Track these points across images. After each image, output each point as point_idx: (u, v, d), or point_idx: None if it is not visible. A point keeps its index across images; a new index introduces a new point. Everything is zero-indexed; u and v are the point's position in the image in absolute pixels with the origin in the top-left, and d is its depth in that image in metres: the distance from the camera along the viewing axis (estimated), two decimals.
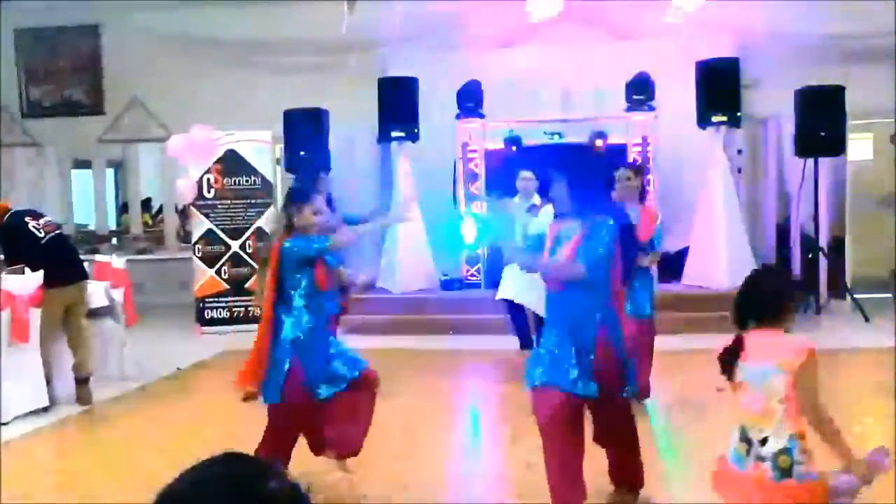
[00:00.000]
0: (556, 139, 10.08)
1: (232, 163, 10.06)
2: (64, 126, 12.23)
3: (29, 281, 6.25)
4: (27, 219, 6.71)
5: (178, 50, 11.58)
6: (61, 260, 6.66)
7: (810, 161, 9.60)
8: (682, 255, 9.93)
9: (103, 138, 12.25)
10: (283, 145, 10.39)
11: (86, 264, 7.25)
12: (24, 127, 12.36)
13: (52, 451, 5.86)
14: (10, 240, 6.63)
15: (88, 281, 7.02)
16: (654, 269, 6.62)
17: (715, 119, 9.44)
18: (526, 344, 7.20)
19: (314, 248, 4.39)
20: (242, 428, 5.82)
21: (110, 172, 13.69)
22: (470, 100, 9.91)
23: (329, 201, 6.81)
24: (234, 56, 11.44)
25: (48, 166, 12.47)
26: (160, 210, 13.40)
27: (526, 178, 6.98)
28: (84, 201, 12.99)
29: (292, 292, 4.40)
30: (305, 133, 10.05)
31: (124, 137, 12.39)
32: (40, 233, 6.63)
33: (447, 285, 9.95)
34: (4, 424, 5.96)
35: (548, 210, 5.68)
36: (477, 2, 10.33)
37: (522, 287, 6.49)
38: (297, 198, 4.54)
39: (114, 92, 12.20)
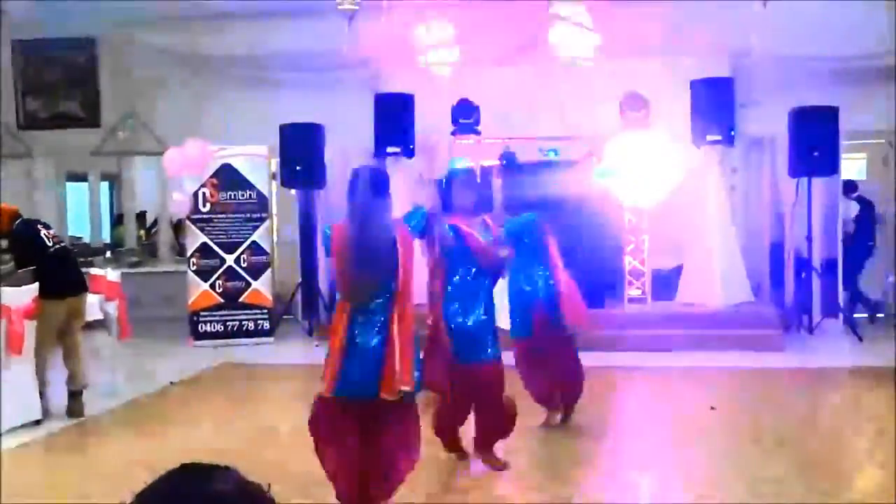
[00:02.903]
0: (552, 156, 10.10)
1: (227, 177, 10.06)
2: (59, 138, 12.22)
3: (24, 293, 6.24)
4: (39, 226, 6.76)
5: (174, 64, 11.60)
6: (65, 271, 6.68)
7: (804, 181, 9.66)
8: (675, 273, 9.95)
9: (98, 151, 12.24)
10: (278, 160, 10.41)
11: None
12: (19, 139, 12.34)
13: (43, 465, 5.82)
14: (23, 245, 6.64)
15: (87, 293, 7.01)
16: None
17: (709, 138, 9.50)
18: None
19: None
20: (234, 443, 5.81)
21: (105, 185, 13.69)
22: (465, 116, 9.95)
23: None
24: (231, 70, 11.46)
25: (43, 178, 12.45)
26: (155, 223, 13.39)
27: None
28: (78, 214, 12.97)
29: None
30: (301, 148, 10.08)
31: (119, 150, 12.39)
32: (49, 241, 6.66)
33: None
34: None
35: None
36: (473, 19, 10.36)
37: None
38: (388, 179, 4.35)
39: (109, 105, 12.20)
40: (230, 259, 10.02)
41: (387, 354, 3.97)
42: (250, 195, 10.13)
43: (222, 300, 9.97)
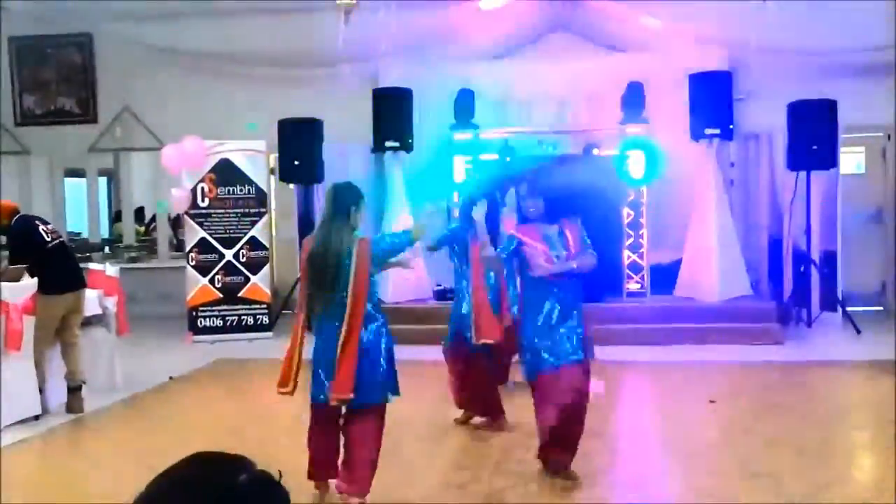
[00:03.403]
0: (550, 150, 10.10)
1: (226, 172, 10.05)
2: (56, 134, 12.20)
3: (23, 289, 6.23)
4: (36, 222, 6.75)
5: (171, 60, 11.57)
6: (64, 267, 6.68)
7: (802, 174, 9.66)
8: (674, 267, 9.95)
9: (95, 147, 12.23)
10: (277, 155, 10.40)
11: None
12: (16, 135, 12.32)
13: (43, 461, 5.82)
14: (21, 241, 6.63)
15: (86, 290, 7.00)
16: None
17: (708, 132, 9.49)
18: None
19: (408, 240, 4.51)
20: (234, 438, 5.82)
21: (102, 181, 13.67)
22: (464, 111, 9.94)
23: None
24: (228, 67, 11.43)
25: (40, 175, 12.43)
26: (153, 219, 13.38)
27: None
28: (76, 210, 12.95)
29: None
30: (299, 143, 10.06)
31: (116, 146, 12.37)
32: (48, 237, 6.65)
33: (440, 295, 9.91)
34: None
35: None
36: (471, 13, 10.35)
37: None
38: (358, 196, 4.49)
39: (106, 101, 12.18)
40: (229, 254, 10.01)
41: (334, 364, 4.29)
42: (249, 190, 10.12)
43: (221, 295, 9.97)
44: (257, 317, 10.08)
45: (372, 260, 4.35)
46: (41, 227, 6.71)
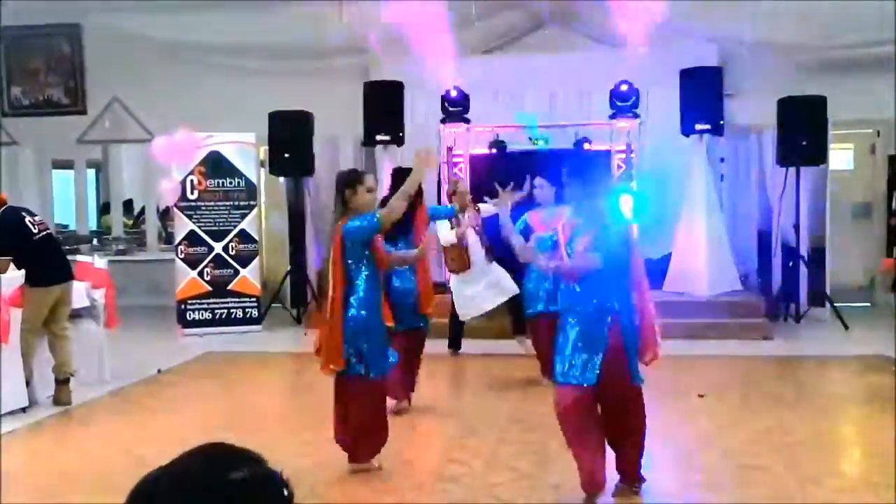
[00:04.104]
0: (542, 144, 10.10)
1: (216, 164, 10.01)
2: (44, 125, 12.12)
3: (10, 281, 6.19)
4: (23, 213, 6.70)
5: (161, 51, 11.50)
6: (51, 259, 6.64)
7: (792, 170, 9.69)
8: (664, 261, 9.97)
9: (84, 138, 12.16)
10: (267, 147, 10.36)
11: None
12: (3, 126, 12.24)
13: (30, 453, 5.79)
14: (8, 233, 6.56)
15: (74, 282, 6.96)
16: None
17: (698, 127, 9.50)
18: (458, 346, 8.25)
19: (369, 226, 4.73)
20: (223, 431, 5.80)
21: (91, 173, 13.59)
22: (455, 104, 9.92)
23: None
24: (218, 58, 11.38)
25: (27, 166, 12.35)
26: (142, 211, 13.32)
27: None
28: (64, 201, 12.87)
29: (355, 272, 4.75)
30: (290, 135, 10.03)
31: (105, 138, 12.30)
32: (35, 229, 6.60)
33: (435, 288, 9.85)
34: None
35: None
36: (464, 7, 10.33)
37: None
38: (351, 178, 4.81)
39: (95, 92, 12.11)
40: (218, 247, 9.97)
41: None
42: (238, 183, 10.08)
43: (210, 288, 9.93)
44: (247, 310, 10.05)
45: (342, 241, 4.64)
46: (28, 219, 6.65)
